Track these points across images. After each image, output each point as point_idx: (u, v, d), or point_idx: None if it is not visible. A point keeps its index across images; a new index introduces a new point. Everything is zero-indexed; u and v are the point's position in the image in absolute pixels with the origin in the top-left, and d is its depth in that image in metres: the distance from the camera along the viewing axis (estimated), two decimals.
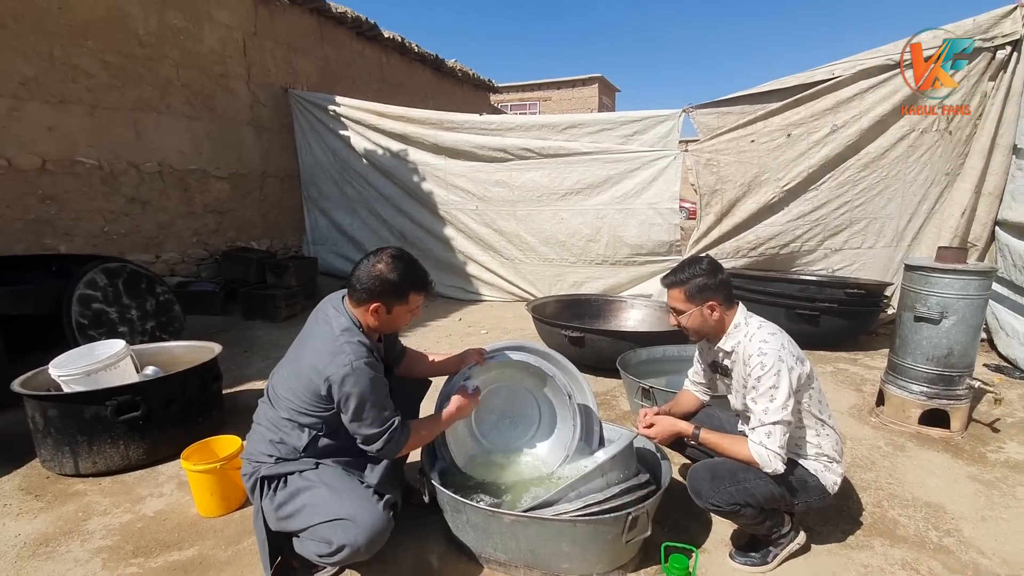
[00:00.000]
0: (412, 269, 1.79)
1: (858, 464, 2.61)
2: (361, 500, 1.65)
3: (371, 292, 1.74)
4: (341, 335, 1.70)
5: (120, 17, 5.01)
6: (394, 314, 1.79)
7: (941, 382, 2.89)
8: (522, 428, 2.38)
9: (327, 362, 1.65)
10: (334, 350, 1.67)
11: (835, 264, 4.90)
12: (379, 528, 1.61)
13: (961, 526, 2.14)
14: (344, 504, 1.62)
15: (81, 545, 1.99)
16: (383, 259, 1.76)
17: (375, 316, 1.77)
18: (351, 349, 1.66)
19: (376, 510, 1.63)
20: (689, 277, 1.89)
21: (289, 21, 6.99)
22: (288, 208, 7.14)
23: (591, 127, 5.49)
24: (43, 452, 2.46)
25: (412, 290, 1.78)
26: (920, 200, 4.61)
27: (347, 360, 1.64)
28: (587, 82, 25.13)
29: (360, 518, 1.59)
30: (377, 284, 1.73)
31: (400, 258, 1.78)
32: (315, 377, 1.67)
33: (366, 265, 1.76)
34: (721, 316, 1.90)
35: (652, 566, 1.87)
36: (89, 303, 3.29)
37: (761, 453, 1.72)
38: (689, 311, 1.91)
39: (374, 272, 1.74)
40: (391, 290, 1.74)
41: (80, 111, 4.76)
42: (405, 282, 1.75)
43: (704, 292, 1.87)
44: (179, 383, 2.63)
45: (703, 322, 1.91)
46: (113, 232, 5.09)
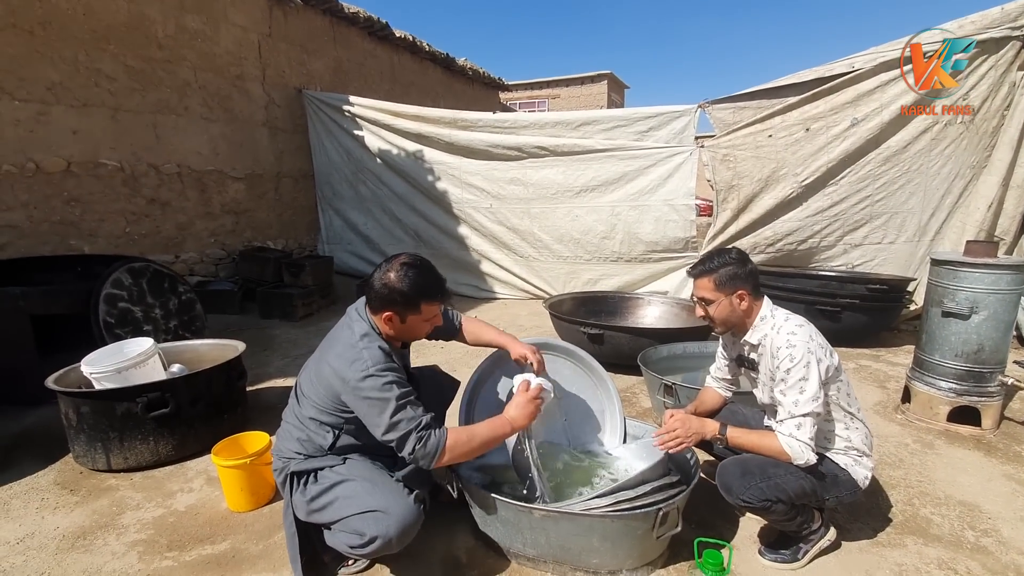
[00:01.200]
0: (423, 278, 1.73)
1: (885, 461, 2.58)
2: (393, 492, 1.66)
3: (383, 301, 1.72)
4: (360, 341, 1.70)
5: (140, 21, 5.08)
6: (408, 324, 1.76)
7: (971, 379, 2.85)
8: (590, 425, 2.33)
9: (347, 367, 1.65)
10: (352, 356, 1.66)
11: (855, 260, 4.85)
12: (411, 520, 1.61)
13: (999, 526, 2.10)
14: (376, 496, 1.63)
15: (117, 539, 2.02)
16: (394, 267, 1.72)
17: (389, 325, 1.75)
18: (368, 355, 1.65)
19: (408, 502, 1.64)
20: (719, 265, 1.88)
21: (302, 22, 7.03)
22: (303, 208, 7.20)
23: (605, 123, 5.47)
24: (76, 448, 2.50)
25: (423, 300, 1.73)
26: (944, 194, 4.54)
27: (364, 366, 1.63)
28: (596, 79, 24.99)
29: (392, 509, 1.60)
30: (387, 293, 1.70)
31: (412, 266, 1.73)
32: (334, 381, 1.68)
33: (379, 273, 1.73)
34: (749, 306, 1.88)
35: (681, 562, 1.87)
36: (115, 302, 3.34)
37: (792, 445, 1.70)
38: (719, 300, 1.89)
39: (385, 280, 1.71)
40: (401, 300, 1.70)
41: (102, 114, 4.83)
42: (415, 293, 1.70)
43: (734, 281, 1.86)
44: (206, 380, 2.66)
45: (731, 312, 1.89)
46: (134, 233, 5.16)
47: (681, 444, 1.84)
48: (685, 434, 1.85)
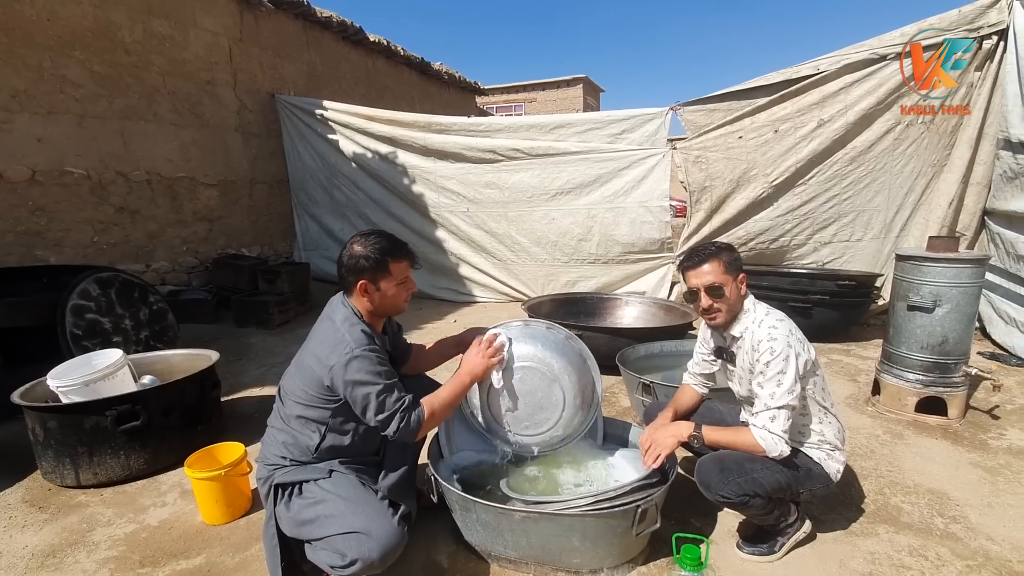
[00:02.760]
0: (384, 239, 1.79)
1: (857, 453, 2.65)
2: (376, 513, 1.64)
3: (353, 272, 1.75)
4: (342, 325, 1.73)
5: (107, 27, 4.96)
6: (383, 290, 1.78)
7: (937, 370, 2.94)
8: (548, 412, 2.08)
9: (329, 352, 1.67)
10: (335, 340, 1.69)
11: (824, 257, 4.96)
12: (393, 543, 1.59)
13: (967, 513, 2.16)
14: (359, 517, 1.61)
15: (88, 556, 1.97)
16: (356, 240, 1.78)
17: (367, 297, 1.77)
18: (351, 337, 1.68)
19: (391, 524, 1.62)
20: (720, 250, 1.89)
21: (274, 26, 6.95)
22: (278, 214, 7.10)
23: (579, 126, 5.52)
24: (44, 464, 2.43)
25: (390, 259, 1.76)
26: (907, 192, 4.69)
27: (348, 348, 1.65)
28: (571, 83, 25.22)
29: (375, 532, 1.58)
30: (355, 263, 1.75)
31: (370, 234, 1.79)
32: (318, 368, 1.68)
33: (344, 252, 1.78)
34: (743, 295, 1.91)
35: (661, 559, 1.89)
36: (83, 313, 3.25)
37: (765, 437, 1.74)
38: (729, 284, 1.85)
39: (350, 253, 1.76)
40: (369, 265, 1.74)
41: (68, 121, 4.71)
42: (381, 253, 1.75)
43: (737, 263, 1.89)
44: (178, 391, 2.61)
45: (738, 297, 1.89)
46: (103, 242, 5.03)
47: (660, 456, 1.86)
48: (662, 445, 1.87)
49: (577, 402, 2.07)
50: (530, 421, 2.05)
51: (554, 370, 2.02)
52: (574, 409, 2.07)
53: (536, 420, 2.05)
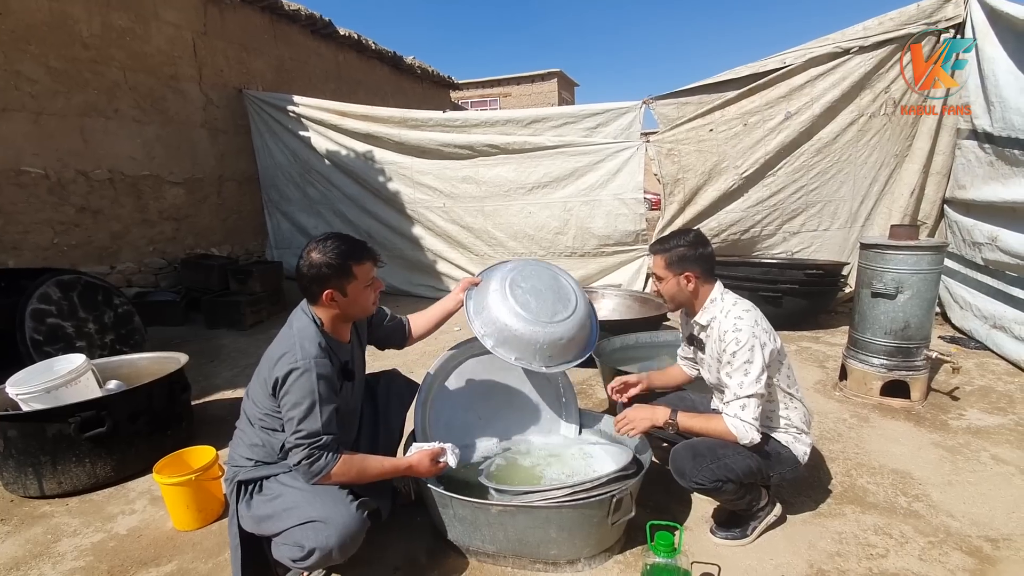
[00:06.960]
0: (343, 243, 1.71)
1: (825, 436, 2.72)
2: (334, 501, 1.61)
3: (316, 282, 1.68)
4: (297, 334, 1.67)
5: (63, 20, 4.78)
6: (351, 295, 1.72)
7: (900, 354, 3.03)
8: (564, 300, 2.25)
9: (278, 358, 1.63)
10: (284, 348, 1.65)
11: (794, 247, 5.07)
12: (352, 529, 1.56)
13: (929, 491, 2.25)
14: (315, 506, 1.58)
15: (53, 568, 1.91)
16: (314, 247, 1.70)
17: (334, 305, 1.72)
18: (300, 349, 1.62)
19: (349, 511, 1.59)
20: (672, 246, 1.97)
21: (240, 20, 6.79)
22: (248, 212, 6.96)
23: (555, 121, 5.52)
24: (5, 475, 2.34)
25: (353, 261, 1.70)
26: (871, 182, 4.81)
27: (294, 359, 1.60)
28: (546, 77, 25.19)
29: (332, 519, 1.55)
30: (317, 272, 1.67)
31: (328, 238, 1.72)
32: (268, 377, 1.64)
33: (302, 263, 1.71)
34: (696, 288, 1.96)
35: (637, 547, 1.92)
36: (43, 318, 3.14)
37: (737, 425, 1.78)
38: (667, 278, 1.99)
39: (309, 262, 1.68)
40: (332, 272, 1.67)
41: (24, 119, 4.53)
42: (342, 258, 1.68)
43: (683, 262, 1.94)
44: (146, 396, 2.54)
45: (678, 291, 1.98)
46: (64, 244, 4.86)
47: (633, 429, 1.94)
48: (636, 417, 1.95)
49: (585, 298, 2.31)
50: (552, 310, 2.18)
51: (553, 270, 2.36)
52: (585, 304, 2.27)
53: (556, 309, 2.19)
